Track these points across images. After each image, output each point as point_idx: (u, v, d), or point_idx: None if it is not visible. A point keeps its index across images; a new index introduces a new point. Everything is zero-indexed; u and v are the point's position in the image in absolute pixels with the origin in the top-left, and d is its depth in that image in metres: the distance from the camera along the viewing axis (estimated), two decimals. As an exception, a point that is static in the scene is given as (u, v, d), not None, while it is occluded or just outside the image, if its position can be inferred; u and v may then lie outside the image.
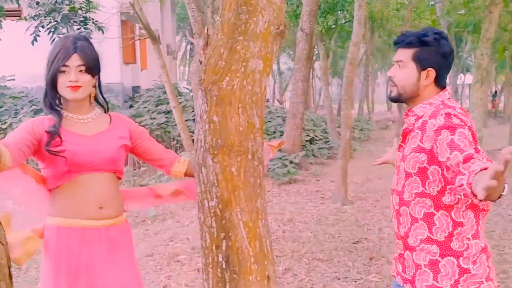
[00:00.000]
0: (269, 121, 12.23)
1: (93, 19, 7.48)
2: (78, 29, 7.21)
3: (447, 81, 2.04)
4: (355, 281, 4.03)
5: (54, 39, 7.85)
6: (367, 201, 7.03)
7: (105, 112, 2.19)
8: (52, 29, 7.30)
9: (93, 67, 2.04)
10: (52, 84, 2.00)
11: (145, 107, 11.62)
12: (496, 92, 30.85)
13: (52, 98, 2.04)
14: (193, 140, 4.08)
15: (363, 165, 10.48)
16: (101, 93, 2.17)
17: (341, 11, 11.72)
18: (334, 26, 11.66)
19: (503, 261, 4.36)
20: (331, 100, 15.45)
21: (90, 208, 2.02)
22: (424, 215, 1.87)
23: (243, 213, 1.80)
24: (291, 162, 8.91)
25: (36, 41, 7.35)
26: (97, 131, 2.07)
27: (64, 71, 1.98)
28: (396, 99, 2.00)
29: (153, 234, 5.78)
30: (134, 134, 2.18)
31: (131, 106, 12.79)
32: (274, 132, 11.21)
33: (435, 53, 1.89)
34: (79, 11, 7.48)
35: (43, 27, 7.39)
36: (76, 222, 2.02)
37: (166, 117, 10.73)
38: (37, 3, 7.50)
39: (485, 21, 2.95)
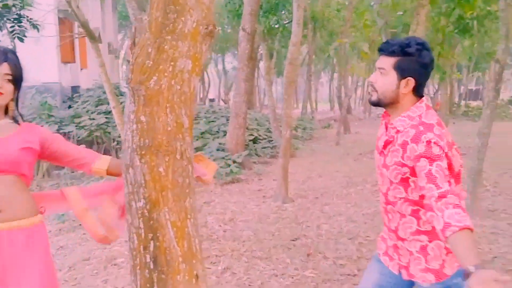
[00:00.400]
0: (213, 121, 12.22)
1: (27, 16, 7.20)
2: (12, 27, 6.92)
3: None
4: (292, 277, 4.10)
5: (-15, 37, 7.52)
6: (307, 198, 7.16)
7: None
8: (-17, 26, 6.98)
9: (18, 79, 2.08)
10: None
11: (84, 108, 11.33)
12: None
13: None
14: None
15: (305, 163, 10.67)
16: (17, 107, 2.19)
17: (283, 11, 11.85)
18: (276, 26, 11.77)
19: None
20: (275, 99, 15.59)
21: None
22: (411, 211, 2.00)
23: (171, 213, 1.80)
24: (234, 161, 8.94)
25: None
26: (3, 136, 2.07)
27: None
28: (376, 104, 2.06)
29: (90, 238, 5.59)
30: (46, 141, 2.18)
31: (70, 107, 12.43)
32: (218, 132, 11.20)
33: (416, 63, 1.95)
34: (13, 8, 7.18)
35: (-26, 24, 7.05)
36: None
37: (106, 118, 10.49)
38: (-33, -2, 7.14)
39: (413, 23, 3.09)
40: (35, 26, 7.11)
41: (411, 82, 1.96)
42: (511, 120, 21.38)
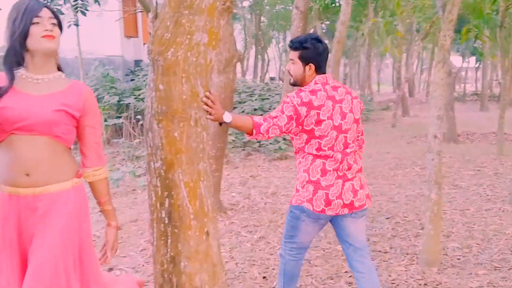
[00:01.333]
0: (267, 98, 12.36)
1: (90, -10, 7.56)
2: (75, 0, 7.30)
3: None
4: (324, 250, 4.22)
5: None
6: (352, 178, 7.18)
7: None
8: (49, 1, 7.38)
9: (59, 23, 2.04)
10: (23, 37, 1.96)
11: (145, 81, 11.76)
12: None
13: (16, 55, 1.98)
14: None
15: (357, 144, 10.62)
16: None
17: (340, -11, 11.69)
18: (332, 5, 11.63)
19: (470, 236, 4.52)
20: (341, 79, 15.50)
21: (17, 174, 1.96)
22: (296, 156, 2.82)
23: (184, 174, 1.97)
24: (283, 138, 9.06)
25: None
26: (45, 93, 2.01)
27: (37, 23, 1.96)
28: (294, 84, 2.78)
29: (141, 202, 6.00)
30: (86, 110, 2.10)
31: (132, 80, 12.95)
32: (270, 109, 11.33)
33: (313, 53, 2.66)
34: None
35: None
36: (7, 189, 1.99)
37: (164, 91, 10.83)
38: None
39: (448, 3, 3.06)
40: (96, 0, 7.44)
41: (312, 66, 2.67)
42: None
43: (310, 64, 2.65)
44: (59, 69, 2.13)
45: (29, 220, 1.99)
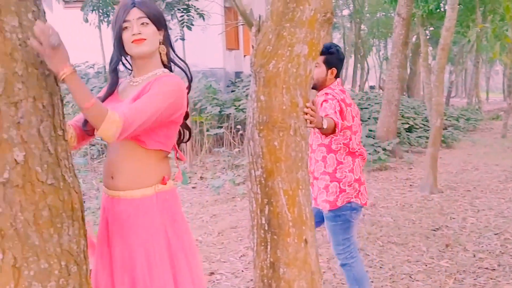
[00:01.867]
0: (365, 108, 12.15)
1: (195, 6, 7.94)
2: (181, 16, 7.71)
3: None
4: (426, 265, 4.07)
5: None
6: (457, 191, 6.86)
7: (189, 78, 2.14)
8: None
9: (155, 18, 1.95)
10: (119, 45, 1.94)
11: (244, 92, 12.05)
12: None
13: (116, 62, 2.00)
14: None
15: (463, 155, 10.12)
16: (173, 51, 2.11)
17: (445, -6, 11.21)
18: (437, 10, 11.16)
19: None
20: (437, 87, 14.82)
21: (106, 176, 2.01)
22: (321, 157, 2.95)
23: (283, 182, 2.02)
24: (384, 149, 8.85)
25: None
26: (132, 95, 1.95)
27: (126, 27, 1.91)
28: (313, 88, 2.85)
29: (240, 209, 6.15)
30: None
31: (233, 91, 13.33)
32: (369, 119, 11.12)
33: (336, 58, 2.98)
34: (182, -1, 7.98)
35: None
36: (104, 188, 2.05)
37: (263, 101, 11.03)
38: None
39: None
40: (201, 15, 7.79)
41: (334, 71, 2.98)
42: None
43: (333, 68, 2.97)
44: (166, 66, 2.09)
45: (113, 222, 2.00)
